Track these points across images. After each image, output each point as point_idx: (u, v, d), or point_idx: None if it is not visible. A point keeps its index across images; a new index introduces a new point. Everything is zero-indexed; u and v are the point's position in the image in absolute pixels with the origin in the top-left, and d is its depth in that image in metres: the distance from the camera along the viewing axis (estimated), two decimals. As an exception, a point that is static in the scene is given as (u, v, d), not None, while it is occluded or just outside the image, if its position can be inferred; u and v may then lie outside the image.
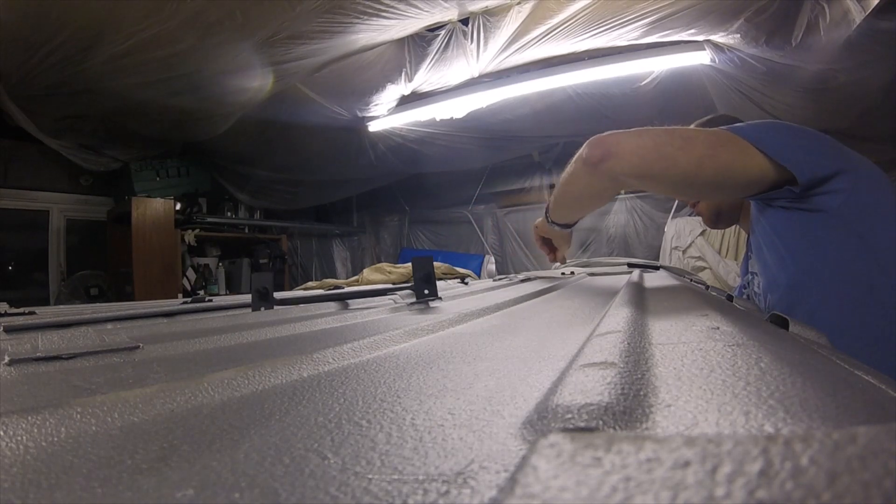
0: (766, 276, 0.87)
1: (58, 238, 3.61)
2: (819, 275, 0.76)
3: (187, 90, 2.62)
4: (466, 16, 2.41)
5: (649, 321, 0.36)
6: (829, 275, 0.75)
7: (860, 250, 0.72)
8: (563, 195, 0.88)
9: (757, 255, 0.91)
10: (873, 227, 0.73)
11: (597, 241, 4.01)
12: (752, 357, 0.22)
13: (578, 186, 0.81)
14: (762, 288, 0.90)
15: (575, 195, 0.85)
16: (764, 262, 0.87)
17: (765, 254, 0.86)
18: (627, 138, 0.71)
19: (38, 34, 2.04)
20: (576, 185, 0.82)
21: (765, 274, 0.87)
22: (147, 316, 0.66)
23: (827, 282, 0.75)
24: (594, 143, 0.73)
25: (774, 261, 0.83)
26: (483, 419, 0.20)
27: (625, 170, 0.71)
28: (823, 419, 0.15)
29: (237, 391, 0.26)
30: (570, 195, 0.86)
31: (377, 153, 3.76)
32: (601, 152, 0.72)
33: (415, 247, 4.83)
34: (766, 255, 0.85)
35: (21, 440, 0.19)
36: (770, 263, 0.84)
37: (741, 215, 1.08)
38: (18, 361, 0.34)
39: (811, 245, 0.76)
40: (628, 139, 0.71)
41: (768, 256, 0.84)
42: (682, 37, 2.37)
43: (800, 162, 0.71)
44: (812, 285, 0.76)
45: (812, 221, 0.75)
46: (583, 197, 0.85)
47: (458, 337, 0.42)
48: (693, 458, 0.09)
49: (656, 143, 0.69)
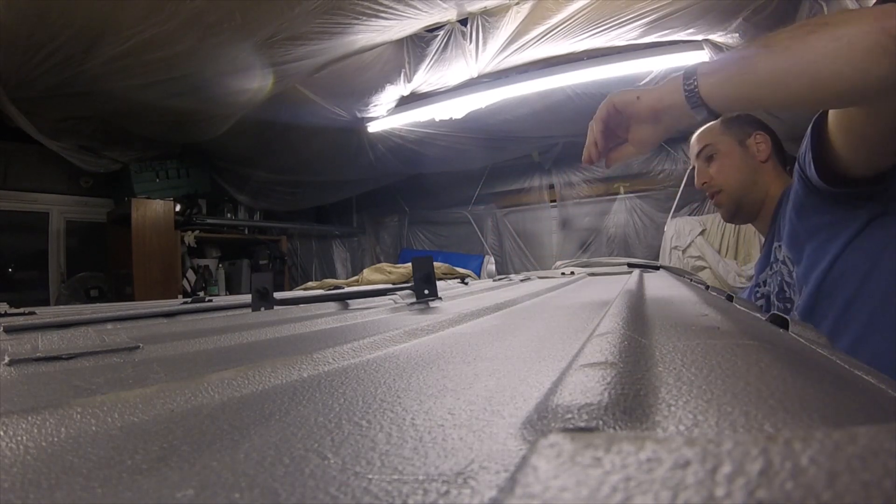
0: (806, 263, 0.89)
1: (58, 239, 3.61)
2: (860, 270, 0.79)
3: (187, 91, 2.62)
4: (465, 16, 2.41)
5: (649, 321, 0.36)
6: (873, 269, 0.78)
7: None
8: (799, 64, 0.54)
9: (791, 245, 0.93)
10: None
11: (597, 241, 4.02)
12: (752, 357, 0.22)
13: (848, 65, 0.52)
14: (797, 277, 0.92)
15: (829, 74, 0.53)
16: (800, 249, 0.89)
17: (801, 241, 0.88)
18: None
19: (38, 35, 2.04)
20: (840, 62, 0.52)
21: (806, 260, 0.89)
22: (147, 316, 0.66)
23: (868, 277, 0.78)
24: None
25: (816, 249, 0.85)
26: (483, 419, 0.20)
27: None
28: (823, 419, 0.15)
29: (237, 391, 0.26)
30: (819, 71, 0.53)
31: (377, 154, 3.76)
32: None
33: (415, 247, 4.83)
34: (804, 242, 0.87)
35: (21, 440, 0.19)
36: (811, 251, 0.86)
37: (760, 215, 1.10)
38: (18, 361, 0.34)
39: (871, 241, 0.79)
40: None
41: (810, 245, 0.86)
42: (680, 36, 2.37)
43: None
44: (851, 278, 0.80)
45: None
46: (843, 80, 0.53)
47: (458, 337, 0.42)
48: (693, 458, 0.09)
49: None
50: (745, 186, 1.08)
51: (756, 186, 1.07)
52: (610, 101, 0.69)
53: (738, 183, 1.08)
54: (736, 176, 1.08)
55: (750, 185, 1.07)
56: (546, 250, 4.26)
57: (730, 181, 1.09)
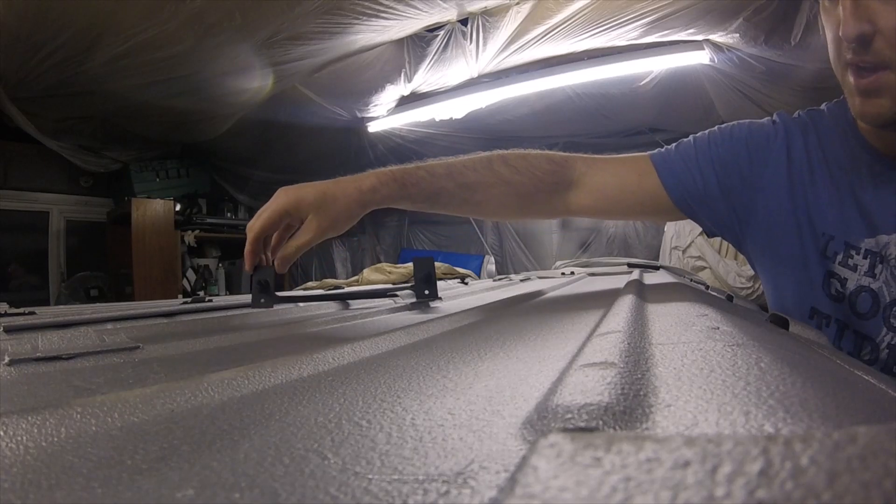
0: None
1: (58, 239, 3.61)
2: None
3: (187, 91, 2.62)
4: (465, 16, 2.41)
5: (649, 321, 0.36)
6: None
7: None
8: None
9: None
10: None
11: (597, 241, 4.02)
12: (752, 357, 0.22)
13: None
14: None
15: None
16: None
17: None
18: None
19: (38, 35, 2.04)
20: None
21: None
22: (147, 316, 0.66)
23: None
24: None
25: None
26: (483, 419, 0.20)
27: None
28: (823, 419, 0.15)
29: (237, 391, 0.26)
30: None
31: (377, 154, 3.76)
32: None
33: (415, 247, 4.83)
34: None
35: (21, 440, 0.19)
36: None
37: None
38: (18, 361, 0.34)
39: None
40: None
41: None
42: (681, 36, 2.37)
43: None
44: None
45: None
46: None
47: (458, 337, 0.42)
48: (693, 458, 0.09)
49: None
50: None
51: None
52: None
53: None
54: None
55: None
56: (546, 250, 4.26)
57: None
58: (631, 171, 0.69)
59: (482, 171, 0.70)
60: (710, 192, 0.66)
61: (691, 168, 0.67)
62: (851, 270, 0.59)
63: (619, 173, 0.70)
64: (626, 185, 0.69)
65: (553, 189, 0.70)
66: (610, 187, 0.70)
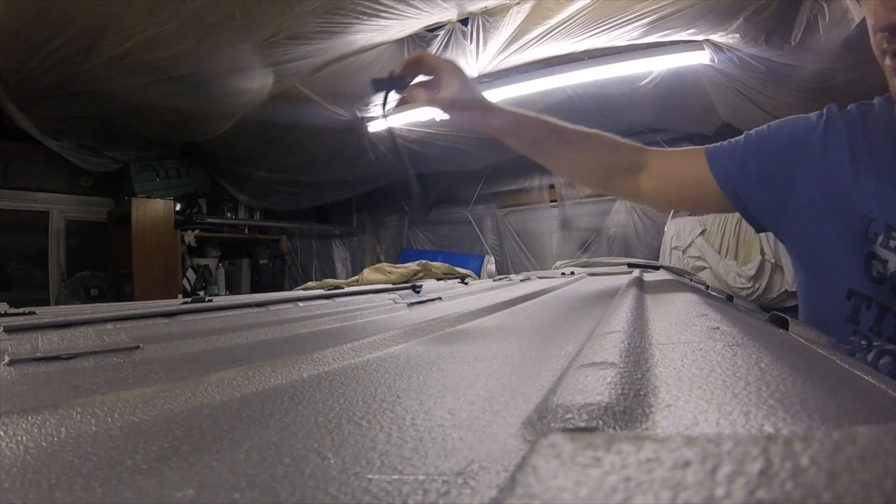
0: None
1: (58, 239, 3.61)
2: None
3: (187, 91, 2.62)
4: (466, 16, 2.41)
5: (649, 321, 0.36)
6: None
7: None
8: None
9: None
10: None
11: (597, 241, 4.01)
12: (752, 357, 0.22)
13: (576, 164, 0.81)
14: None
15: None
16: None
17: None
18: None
19: (38, 35, 2.04)
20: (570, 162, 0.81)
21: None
22: (147, 316, 0.66)
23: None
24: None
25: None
26: (483, 419, 0.20)
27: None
28: (823, 419, 0.15)
29: (237, 391, 0.26)
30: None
31: (377, 153, 3.76)
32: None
33: (415, 247, 4.83)
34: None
35: (21, 440, 0.19)
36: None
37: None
38: (18, 361, 0.34)
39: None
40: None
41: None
42: (681, 36, 2.37)
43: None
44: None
45: None
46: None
47: (457, 337, 0.42)
48: (693, 458, 0.09)
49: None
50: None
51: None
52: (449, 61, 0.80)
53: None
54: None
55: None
56: (546, 250, 4.26)
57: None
58: (688, 160, 0.76)
59: (582, 135, 0.80)
60: (750, 179, 0.71)
61: (736, 158, 0.72)
62: (893, 252, 0.58)
63: (678, 160, 0.78)
64: (684, 171, 0.77)
65: (629, 169, 0.78)
66: (671, 171, 0.78)
